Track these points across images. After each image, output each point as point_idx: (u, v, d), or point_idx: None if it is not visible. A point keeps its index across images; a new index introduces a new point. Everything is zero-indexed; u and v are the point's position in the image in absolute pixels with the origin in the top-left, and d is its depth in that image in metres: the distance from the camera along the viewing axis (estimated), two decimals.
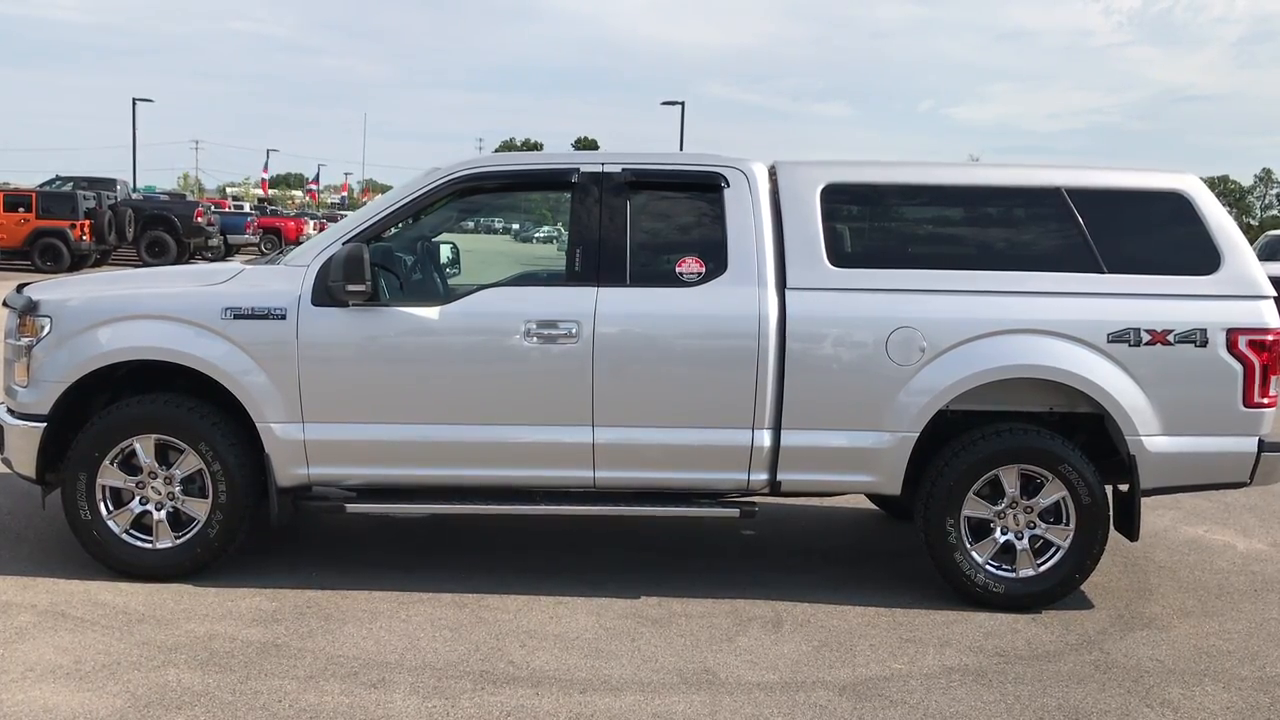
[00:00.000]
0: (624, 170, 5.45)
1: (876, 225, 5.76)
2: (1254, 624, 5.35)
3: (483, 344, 5.30)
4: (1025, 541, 5.38)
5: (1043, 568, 5.38)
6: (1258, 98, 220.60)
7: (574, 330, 5.25)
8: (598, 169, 5.46)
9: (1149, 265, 5.39)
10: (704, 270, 5.35)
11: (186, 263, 30.79)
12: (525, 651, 4.70)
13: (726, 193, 5.43)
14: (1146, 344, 5.25)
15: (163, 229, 31.70)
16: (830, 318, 5.30)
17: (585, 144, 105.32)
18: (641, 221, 5.46)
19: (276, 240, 41.87)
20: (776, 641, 4.92)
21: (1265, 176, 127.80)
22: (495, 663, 4.58)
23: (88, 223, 27.71)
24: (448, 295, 5.56)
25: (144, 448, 5.35)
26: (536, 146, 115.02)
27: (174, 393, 5.45)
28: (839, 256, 5.39)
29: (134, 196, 36.93)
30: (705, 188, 5.47)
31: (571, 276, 5.38)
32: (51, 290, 5.60)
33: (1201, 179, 5.57)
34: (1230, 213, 5.66)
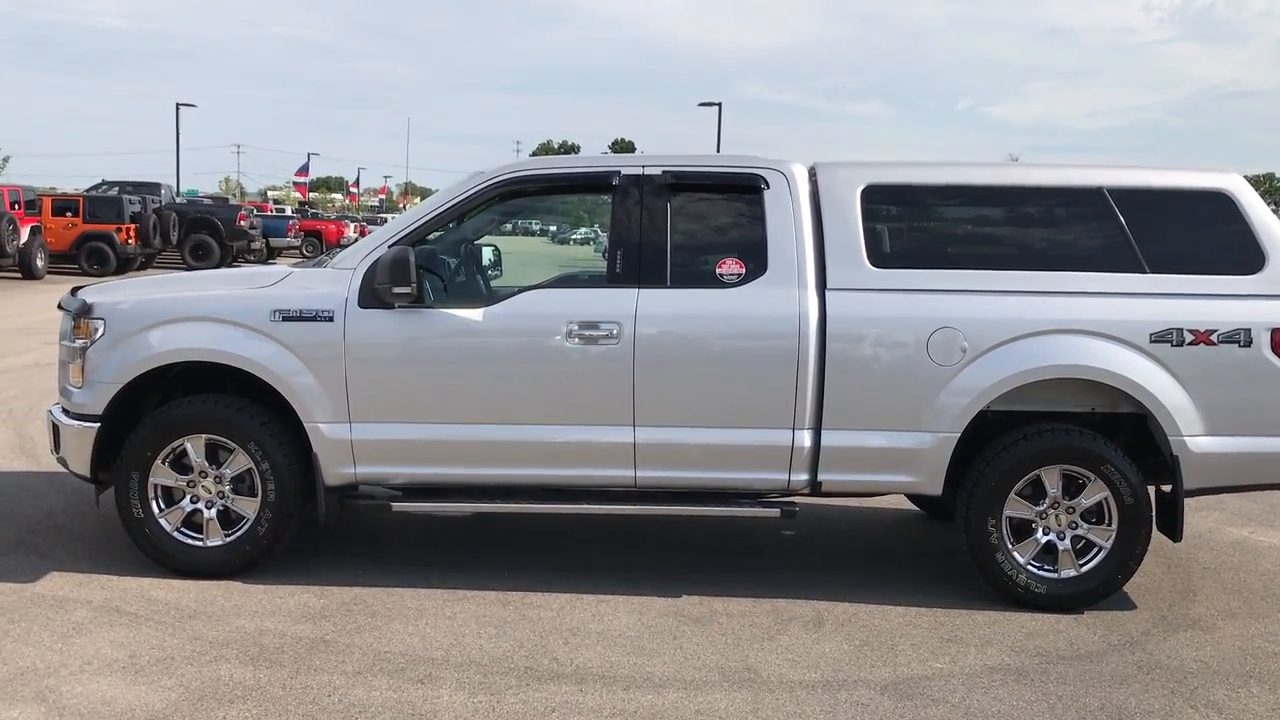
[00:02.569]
0: (664, 172, 5.50)
1: (916, 226, 5.77)
2: None
3: (525, 345, 5.37)
4: (1067, 542, 5.37)
5: (1085, 568, 5.37)
6: None
7: (615, 331, 5.30)
8: (638, 171, 5.51)
9: (1192, 265, 5.37)
10: (744, 271, 5.38)
11: (229, 265, 31.18)
12: (569, 649, 4.76)
13: (766, 194, 5.46)
14: (1189, 344, 5.23)
15: (206, 232, 32.12)
16: (871, 318, 5.31)
17: (622, 145, 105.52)
18: (681, 223, 5.51)
19: (318, 243, 42.29)
20: (818, 640, 4.95)
21: None
22: (539, 659, 4.64)
23: (133, 227, 28.13)
24: (490, 297, 5.63)
25: (195, 447, 5.47)
26: (574, 148, 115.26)
27: (224, 394, 5.56)
28: (879, 257, 5.41)
29: (178, 201, 37.46)
30: (745, 189, 5.51)
31: (612, 278, 5.43)
32: (105, 293, 5.73)
33: (1246, 177, 5.54)
34: (1275, 211, 5.61)
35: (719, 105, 50.07)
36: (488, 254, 6.53)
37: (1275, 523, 7.16)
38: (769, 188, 5.46)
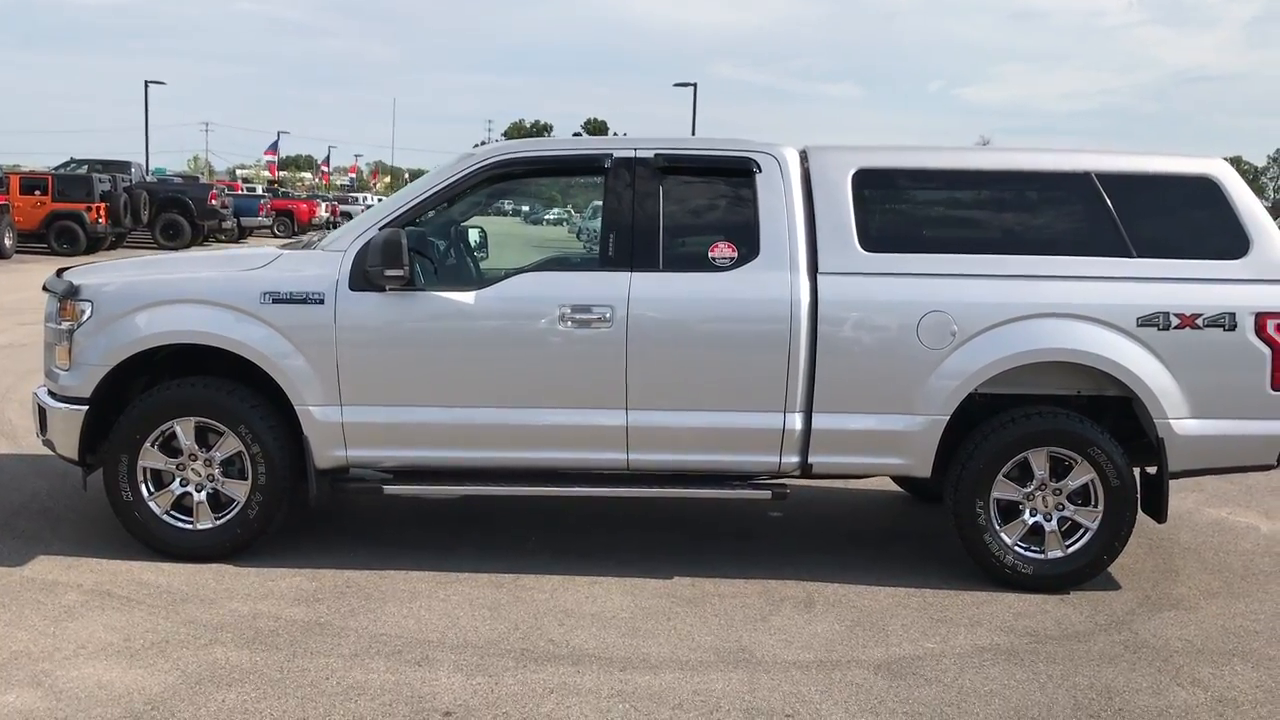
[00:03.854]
0: (656, 155, 5.50)
1: (907, 210, 5.81)
2: None
3: (517, 328, 5.37)
4: (1054, 523, 5.44)
5: (1071, 549, 5.44)
6: (1271, 78, 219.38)
7: (608, 315, 5.31)
8: (630, 154, 5.51)
9: (1178, 249, 5.43)
10: (736, 255, 5.40)
11: (201, 245, 30.92)
12: (564, 630, 4.79)
13: (758, 177, 5.47)
14: (1175, 327, 5.30)
15: (177, 212, 31.86)
16: (862, 302, 5.35)
17: (595, 125, 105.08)
18: (674, 206, 5.51)
19: (289, 222, 41.99)
20: (809, 621, 4.99)
21: (1279, 157, 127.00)
22: (535, 641, 4.66)
23: (103, 205, 27.82)
24: (481, 280, 5.63)
25: (184, 430, 5.44)
26: (546, 128, 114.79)
27: (213, 376, 5.53)
28: (870, 241, 5.43)
29: (148, 179, 37.06)
30: (737, 173, 5.52)
31: (605, 261, 5.44)
32: (91, 275, 5.68)
33: None
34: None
35: (694, 86, 49.99)
36: (474, 236, 6.52)
37: (1251, 503, 7.28)
38: (761, 171, 5.47)
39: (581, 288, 5.39)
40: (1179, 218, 5.55)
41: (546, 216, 34.05)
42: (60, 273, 5.76)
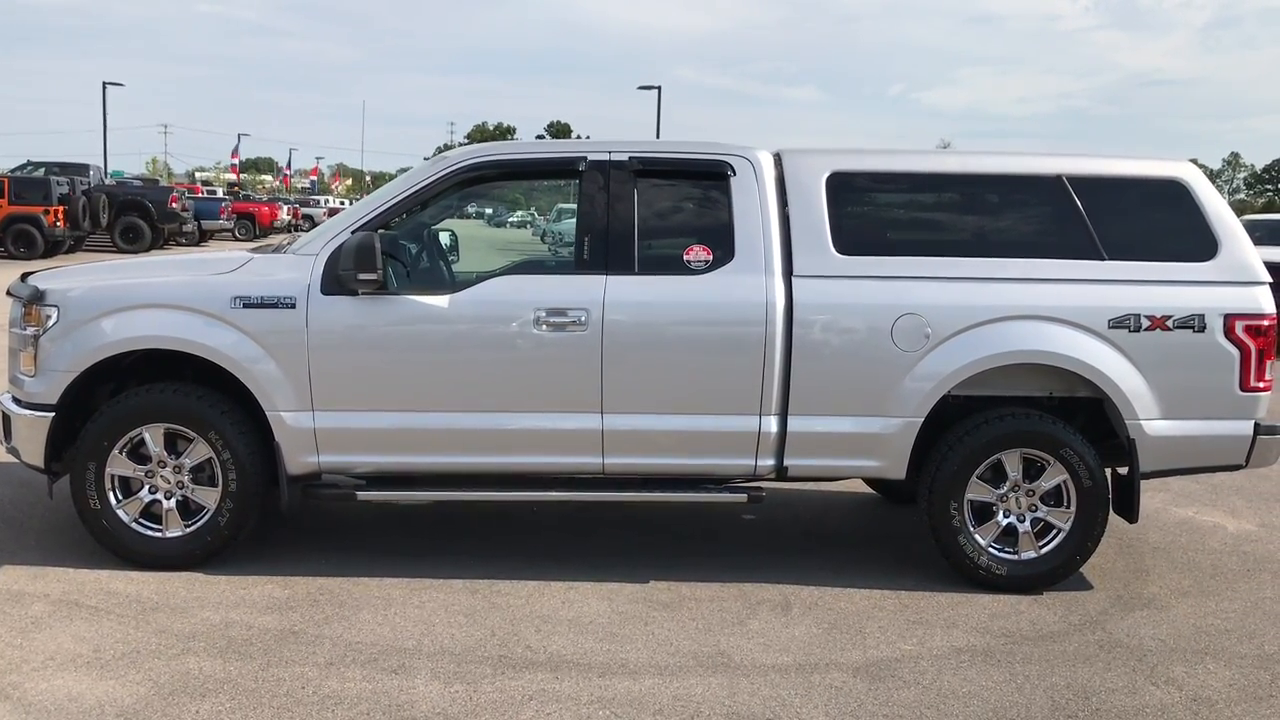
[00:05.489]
0: (631, 159, 5.48)
1: (881, 213, 5.83)
2: (1249, 603, 5.46)
3: (492, 332, 5.33)
4: (1027, 524, 5.48)
5: (1044, 550, 5.47)
6: (1224, 82, 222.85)
7: (583, 318, 5.29)
8: (605, 157, 5.49)
9: (1148, 252, 5.48)
10: (711, 258, 5.39)
11: (161, 249, 30.56)
12: (540, 636, 4.75)
13: (733, 181, 5.47)
14: (1146, 329, 5.35)
15: (137, 215, 31.46)
16: (836, 305, 5.36)
17: (558, 127, 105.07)
18: (648, 209, 5.50)
19: (251, 226, 41.62)
20: (787, 624, 4.99)
21: (1233, 160, 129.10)
22: (512, 647, 4.63)
23: (61, 209, 27.45)
24: (455, 283, 5.59)
25: (153, 437, 5.36)
26: (510, 131, 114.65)
27: (182, 382, 5.45)
28: (844, 244, 5.44)
29: (107, 182, 36.58)
30: (711, 176, 5.52)
31: (579, 264, 5.41)
32: (57, 279, 5.58)
33: None
34: None
35: (659, 89, 50.10)
36: (445, 239, 6.48)
37: (1217, 503, 7.36)
38: (735, 174, 5.47)
39: (556, 291, 5.36)
40: (1149, 220, 5.60)
41: (510, 219, 33.97)
42: (25, 277, 5.66)
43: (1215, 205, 5.55)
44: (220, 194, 49.05)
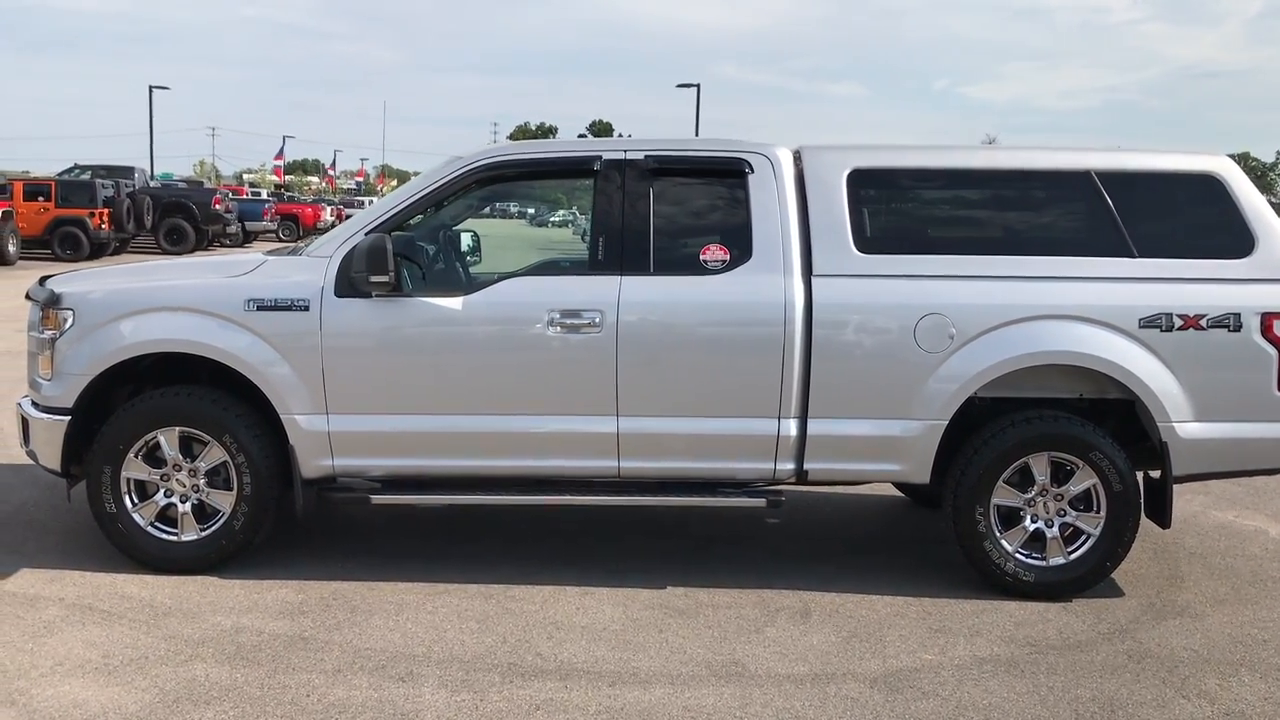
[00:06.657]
0: (646, 157, 5.39)
1: (903, 210, 5.69)
2: None
3: (506, 334, 5.26)
4: (1055, 529, 5.32)
5: (1073, 556, 5.32)
6: (1278, 72, 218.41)
7: (597, 320, 5.20)
8: (620, 156, 5.41)
9: (1181, 249, 5.31)
10: (728, 257, 5.29)
11: (205, 250, 30.89)
12: (552, 643, 4.68)
13: (751, 178, 5.36)
14: (1179, 329, 5.17)
15: (181, 217, 31.81)
16: (857, 305, 5.23)
17: (600, 127, 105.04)
18: (664, 209, 5.40)
19: (294, 227, 41.97)
20: (805, 632, 4.88)
21: None
22: (523, 655, 4.56)
23: (106, 211, 27.83)
24: (470, 285, 5.53)
25: (168, 440, 5.34)
26: (551, 130, 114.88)
27: (197, 385, 5.44)
28: (866, 242, 5.32)
29: (152, 184, 37.06)
30: (729, 173, 5.41)
31: (594, 265, 5.33)
32: (74, 283, 5.59)
33: None
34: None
35: (698, 86, 49.91)
36: (466, 240, 6.42)
37: (1260, 506, 7.14)
38: (753, 172, 5.36)
39: (571, 292, 5.28)
40: (1182, 216, 5.42)
41: (552, 219, 33.99)
42: (43, 280, 5.67)
43: (1252, 200, 5.36)
44: (264, 195, 49.55)
